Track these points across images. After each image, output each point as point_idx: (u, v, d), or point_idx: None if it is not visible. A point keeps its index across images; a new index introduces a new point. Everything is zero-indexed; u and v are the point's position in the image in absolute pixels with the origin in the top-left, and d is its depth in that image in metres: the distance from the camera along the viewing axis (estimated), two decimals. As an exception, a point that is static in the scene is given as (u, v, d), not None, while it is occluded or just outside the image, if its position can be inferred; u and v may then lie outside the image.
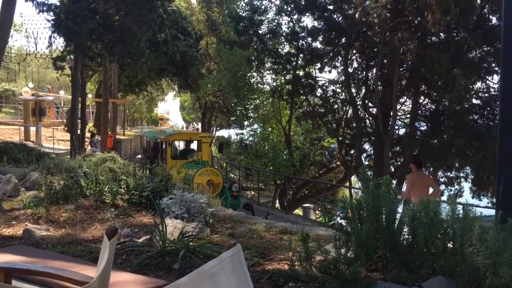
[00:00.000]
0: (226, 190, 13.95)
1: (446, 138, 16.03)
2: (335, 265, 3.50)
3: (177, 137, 17.43)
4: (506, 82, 4.66)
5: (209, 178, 13.62)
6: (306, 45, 19.11)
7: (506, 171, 4.58)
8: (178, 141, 18.44)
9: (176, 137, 17.31)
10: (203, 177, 13.48)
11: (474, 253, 3.70)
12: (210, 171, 13.97)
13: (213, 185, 13.53)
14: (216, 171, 14.61)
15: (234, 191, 13.96)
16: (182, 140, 17.99)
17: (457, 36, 16.09)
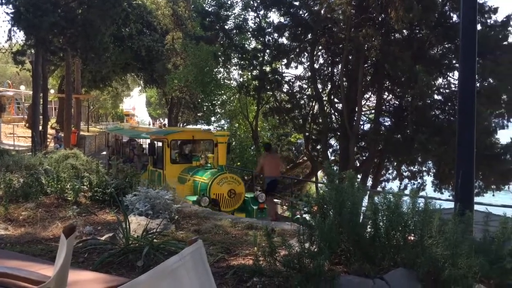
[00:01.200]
0: (250, 201, 11.74)
1: (409, 133, 16.37)
2: (299, 259, 3.52)
3: (177, 136, 14.21)
4: (464, 80, 4.79)
5: (230, 187, 11.29)
6: (272, 41, 19.13)
7: (464, 166, 4.71)
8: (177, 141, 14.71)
9: (177, 136, 14.17)
10: (222, 186, 11.22)
11: (433, 245, 3.79)
12: (230, 178, 11.53)
13: (235, 195, 11.37)
14: (237, 178, 12.07)
15: (261, 203, 11.64)
16: (182, 139, 14.59)
17: (419, 33, 16.42)
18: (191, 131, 15.20)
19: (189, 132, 14.93)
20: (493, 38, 15.35)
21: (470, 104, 4.61)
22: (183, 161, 13.70)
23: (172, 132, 14.10)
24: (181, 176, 12.89)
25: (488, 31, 15.76)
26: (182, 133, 14.79)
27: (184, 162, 13.53)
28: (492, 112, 16.05)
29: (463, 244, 3.79)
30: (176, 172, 13.06)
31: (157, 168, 13.59)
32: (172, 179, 12.71)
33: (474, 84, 4.89)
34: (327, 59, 19.79)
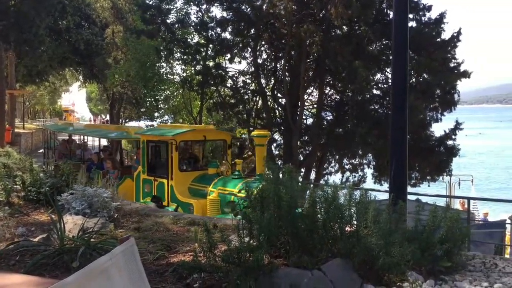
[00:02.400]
0: None
1: (350, 127, 16.84)
2: (238, 254, 3.52)
3: (187, 136, 11.38)
4: (396, 75, 4.96)
5: None
6: (215, 36, 19.03)
7: (396, 157, 4.89)
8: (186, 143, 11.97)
9: (187, 136, 11.30)
10: None
11: (369, 235, 3.91)
12: None
13: None
14: None
15: None
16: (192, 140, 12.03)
17: (358, 29, 16.87)
18: (201, 130, 11.95)
19: (200, 130, 11.85)
20: (427, 35, 16.03)
21: (402, 98, 4.78)
22: (192, 167, 11.41)
23: (181, 132, 11.08)
24: (195, 187, 10.74)
25: (423, 28, 16.44)
26: (192, 132, 11.52)
27: (194, 169, 11.30)
28: (427, 106, 16.76)
29: (396, 233, 3.94)
30: (186, 181, 10.89)
31: (157, 177, 11.17)
32: (181, 190, 10.71)
33: (406, 79, 5.08)
34: (270, 54, 19.92)
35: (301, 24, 15.82)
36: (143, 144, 11.44)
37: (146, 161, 11.41)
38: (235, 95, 19.81)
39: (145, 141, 11.45)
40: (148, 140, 11.46)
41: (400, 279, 3.78)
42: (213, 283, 3.64)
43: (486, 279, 3.97)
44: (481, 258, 4.68)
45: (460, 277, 3.97)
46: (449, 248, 4.07)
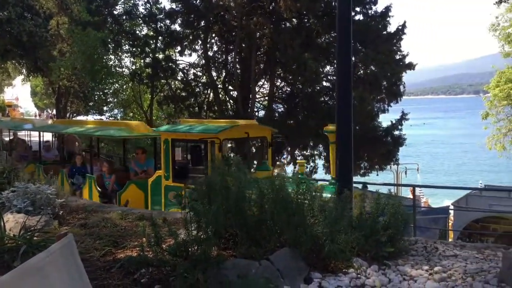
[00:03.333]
0: None
1: (301, 119, 17.06)
2: (185, 247, 3.50)
3: (231, 134, 9.61)
4: (341, 67, 5.06)
5: None
6: (164, 28, 18.72)
7: (342, 147, 5.00)
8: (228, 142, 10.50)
9: (230, 133, 9.49)
10: None
11: (315, 224, 3.99)
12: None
13: None
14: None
15: None
16: (236, 138, 10.63)
17: (307, 22, 17.07)
18: (243, 126, 10.09)
19: (242, 126, 9.96)
20: (373, 28, 16.43)
21: (347, 89, 4.89)
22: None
23: (225, 128, 9.29)
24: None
25: (369, 21, 16.83)
26: (234, 128, 9.59)
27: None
28: (374, 98, 17.21)
29: (341, 221, 4.04)
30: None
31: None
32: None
33: (350, 70, 5.19)
34: (221, 46, 19.82)
35: (251, 17, 15.83)
36: (166, 144, 9.41)
37: (172, 165, 9.33)
38: (186, 88, 19.60)
39: (168, 140, 9.40)
40: (174, 139, 9.43)
41: (346, 266, 3.88)
42: (161, 277, 3.61)
43: (427, 262, 4.14)
44: (423, 243, 4.87)
45: (403, 262, 4.12)
46: (392, 234, 4.21)
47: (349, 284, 3.57)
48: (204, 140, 8.99)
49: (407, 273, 3.79)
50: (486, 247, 4.78)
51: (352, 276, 3.70)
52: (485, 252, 4.56)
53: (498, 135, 22.69)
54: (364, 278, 3.69)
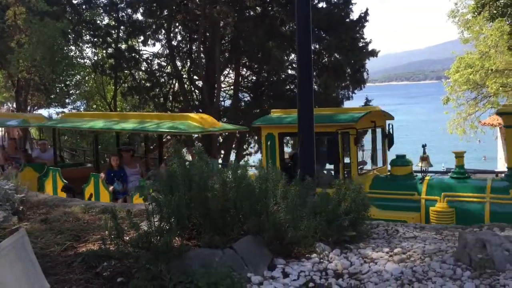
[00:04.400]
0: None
1: (267, 107, 17.10)
2: (147, 238, 3.48)
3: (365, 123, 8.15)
4: (301, 54, 5.09)
5: None
6: (126, 17, 18.41)
7: (304, 134, 5.05)
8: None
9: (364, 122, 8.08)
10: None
11: (278, 211, 4.02)
12: None
13: None
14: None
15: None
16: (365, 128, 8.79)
17: (271, 10, 17.07)
18: (374, 113, 8.53)
19: (372, 114, 8.41)
20: (336, 16, 16.57)
21: (307, 76, 4.93)
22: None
23: (360, 116, 7.85)
24: (382, 195, 7.59)
25: (332, 9, 16.97)
26: (367, 116, 8.12)
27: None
28: (338, 85, 17.42)
29: (303, 207, 4.08)
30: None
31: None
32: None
33: (310, 58, 5.22)
34: (185, 36, 19.63)
35: (214, 5, 15.71)
36: (270, 140, 7.97)
37: (280, 163, 7.81)
38: (150, 78, 19.37)
39: (273, 134, 7.92)
40: (282, 133, 7.96)
41: (309, 251, 3.93)
42: (124, 269, 3.58)
43: (388, 244, 4.24)
44: (384, 226, 4.98)
45: (364, 245, 4.21)
46: (353, 218, 4.29)
47: (312, 269, 3.62)
48: (331, 132, 7.52)
49: (368, 256, 3.87)
50: (444, 228, 4.93)
51: (314, 261, 3.75)
52: (443, 233, 4.70)
53: (458, 120, 23.33)
54: (326, 262, 3.75)
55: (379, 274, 3.49)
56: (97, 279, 3.49)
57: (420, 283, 3.29)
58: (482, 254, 3.42)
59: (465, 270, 3.40)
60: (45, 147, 12.81)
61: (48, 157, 11.96)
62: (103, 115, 12.64)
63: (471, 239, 3.54)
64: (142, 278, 3.28)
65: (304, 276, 3.52)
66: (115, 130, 10.63)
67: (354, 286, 3.34)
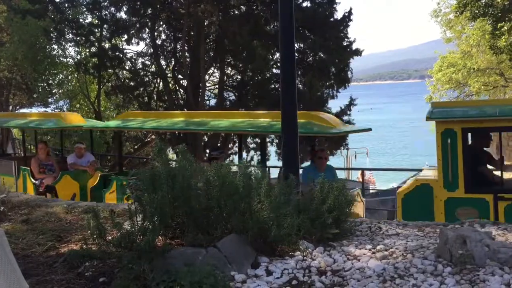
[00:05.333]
0: None
1: (252, 107, 17.10)
2: (129, 238, 3.46)
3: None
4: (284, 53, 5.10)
5: None
6: (110, 16, 18.20)
7: (287, 133, 5.06)
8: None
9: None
10: None
11: (261, 209, 4.02)
12: None
13: None
14: None
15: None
16: None
17: (256, 9, 17.06)
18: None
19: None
20: (321, 15, 16.63)
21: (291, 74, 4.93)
22: None
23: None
24: None
25: (317, 8, 17.02)
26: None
27: None
28: (323, 84, 17.48)
29: (287, 206, 4.09)
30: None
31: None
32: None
33: (293, 57, 5.24)
34: (169, 35, 19.50)
35: (198, 4, 15.64)
36: (449, 137, 6.48)
37: (465, 167, 6.37)
38: (134, 77, 19.19)
39: (455, 130, 6.44)
40: (467, 128, 6.47)
41: (292, 249, 3.95)
42: (106, 269, 3.56)
43: (371, 242, 4.27)
44: (368, 223, 5.02)
45: (347, 242, 4.24)
46: (336, 216, 4.31)
47: (296, 267, 3.63)
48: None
49: (351, 253, 3.90)
50: (426, 225, 4.98)
51: (298, 259, 3.77)
52: (425, 230, 4.76)
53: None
54: (310, 260, 3.77)
55: (362, 271, 3.52)
56: (79, 279, 3.47)
57: (402, 279, 3.32)
58: (463, 250, 3.46)
59: (446, 266, 3.44)
60: (82, 152, 10.83)
61: (86, 163, 10.50)
62: (168, 114, 11.32)
63: (452, 235, 3.59)
64: (125, 277, 3.27)
65: (288, 274, 3.53)
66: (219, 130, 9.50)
67: (336, 283, 3.36)
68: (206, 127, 9.17)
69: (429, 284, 3.21)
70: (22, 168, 10.40)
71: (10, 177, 10.86)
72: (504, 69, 22.10)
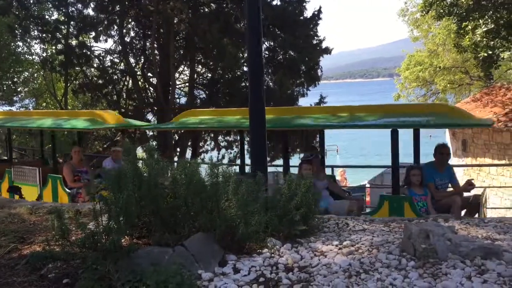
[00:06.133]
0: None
1: (222, 105, 17.07)
2: (94, 238, 3.40)
3: None
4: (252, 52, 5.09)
5: None
6: (77, 12, 17.88)
7: (255, 130, 5.07)
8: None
9: None
10: None
11: (229, 207, 4.02)
12: None
13: None
14: None
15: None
16: None
17: (226, 7, 17.02)
18: None
19: None
20: (291, 13, 16.72)
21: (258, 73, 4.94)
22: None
23: None
24: None
25: (287, 6, 17.10)
26: None
27: None
28: (294, 82, 17.59)
29: (255, 203, 4.10)
30: None
31: None
32: None
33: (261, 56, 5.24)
34: (138, 32, 19.29)
35: (167, 1, 15.51)
36: None
37: None
38: (103, 75, 18.91)
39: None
40: None
41: (260, 246, 3.95)
42: (70, 270, 3.49)
43: (338, 238, 4.32)
44: (335, 220, 5.07)
45: (315, 238, 4.27)
46: (304, 213, 4.34)
47: (263, 264, 3.64)
48: None
49: (318, 249, 3.93)
50: (392, 220, 5.07)
51: (266, 256, 3.77)
52: (391, 225, 4.84)
53: (409, 116, 24.05)
54: (277, 257, 3.78)
55: (328, 266, 3.55)
56: (42, 281, 3.39)
57: (367, 274, 3.37)
58: (426, 244, 3.53)
59: (410, 260, 3.51)
60: (120, 156, 9.36)
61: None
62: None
63: (416, 230, 3.66)
64: (89, 278, 3.21)
65: (255, 271, 3.53)
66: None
67: (303, 279, 3.38)
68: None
69: (393, 278, 3.26)
70: (51, 176, 9.29)
71: (31, 186, 9.75)
72: (469, 68, 22.71)
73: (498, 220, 4.92)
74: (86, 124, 9.21)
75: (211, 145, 20.52)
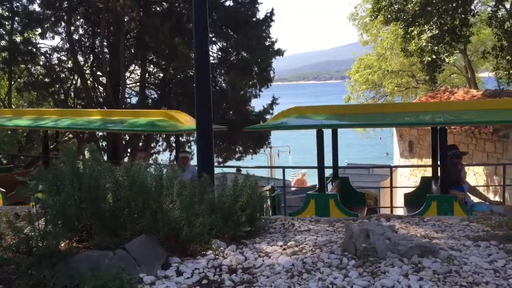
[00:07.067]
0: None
1: (175, 105, 16.88)
2: (28, 243, 3.27)
3: None
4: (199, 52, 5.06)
5: None
6: (22, 8, 17.21)
7: (202, 131, 5.03)
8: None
9: None
10: None
11: (173, 209, 3.97)
12: None
13: None
14: None
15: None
16: None
17: (178, 6, 16.86)
18: None
19: None
20: (243, 14, 16.75)
21: (205, 74, 4.91)
22: None
23: None
24: None
25: (239, 7, 17.13)
26: None
27: None
28: (246, 83, 17.63)
29: (199, 205, 4.07)
30: None
31: None
32: None
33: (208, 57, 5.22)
34: (87, 29, 18.76)
35: (117, -1, 15.19)
36: None
37: None
38: (49, 73, 18.28)
39: None
40: None
41: (205, 248, 3.92)
42: (4, 276, 3.33)
43: (283, 238, 4.35)
44: (281, 220, 5.11)
45: (260, 239, 4.28)
46: (250, 214, 4.35)
47: (207, 266, 3.61)
48: None
49: (262, 250, 3.94)
50: (337, 220, 5.17)
51: (210, 258, 3.75)
52: (336, 225, 4.93)
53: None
54: (221, 258, 3.77)
55: (272, 267, 3.56)
56: (-28, 288, 3.23)
57: (309, 274, 3.41)
58: (366, 243, 3.61)
59: (351, 259, 3.58)
60: (188, 163, 8.76)
61: (188, 177, 7.47)
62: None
63: (357, 229, 3.74)
64: (23, 284, 3.09)
65: (198, 273, 3.50)
66: None
67: (246, 280, 3.38)
68: None
69: (334, 277, 3.31)
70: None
71: None
72: (415, 71, 23.50)
73: (437, 219, 5.11)
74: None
75: (163, 146, 20.27)
